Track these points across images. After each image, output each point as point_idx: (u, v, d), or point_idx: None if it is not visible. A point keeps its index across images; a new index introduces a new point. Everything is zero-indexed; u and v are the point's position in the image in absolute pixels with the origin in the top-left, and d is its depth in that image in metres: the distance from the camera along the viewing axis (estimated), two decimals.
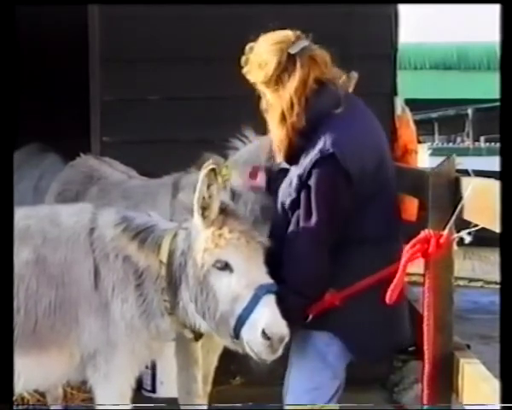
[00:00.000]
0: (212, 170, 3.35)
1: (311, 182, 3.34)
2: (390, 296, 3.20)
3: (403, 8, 6.06)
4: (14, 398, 5.02)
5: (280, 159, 3.54)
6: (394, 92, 5.96)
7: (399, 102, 6.09)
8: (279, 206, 3.54)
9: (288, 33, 3.51)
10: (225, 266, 3.35)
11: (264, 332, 3.23)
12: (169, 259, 3.51)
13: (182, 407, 4.49)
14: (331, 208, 3.34)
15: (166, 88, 5.84)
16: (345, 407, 3.53)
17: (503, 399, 2.64)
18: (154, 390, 5.58)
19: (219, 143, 4.31)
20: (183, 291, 3.49)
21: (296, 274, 3.37)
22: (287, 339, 3.27)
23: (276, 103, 3.43)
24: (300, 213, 3.39)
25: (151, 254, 3.52)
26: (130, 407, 3.70)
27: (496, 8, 3.01)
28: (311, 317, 3.41)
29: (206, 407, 4.50)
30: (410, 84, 10.95)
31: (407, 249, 3.26)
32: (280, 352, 3.28)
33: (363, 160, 3.36)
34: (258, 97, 3.54)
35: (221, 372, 4.81)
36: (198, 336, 3.68)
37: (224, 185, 4.17)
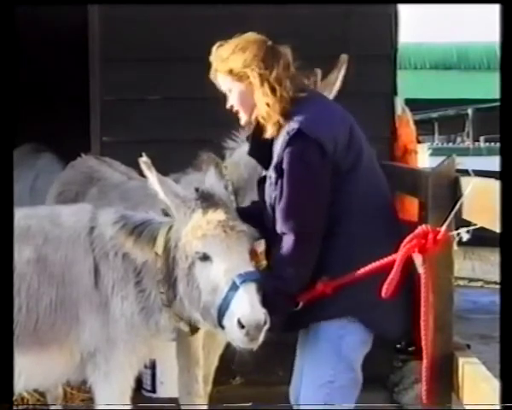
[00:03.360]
0: (143, 163, 3.48)
1: (284, 163, 3.38)
2: (386, 290, 3.21)
3: (403, 8, 6.06)
4: (14, 398, 5.04)
5: (269, 130, 3.51)
6: (394, 92, 5.96)
7: (399, 102, 6.09)
8: (268, 209, 3.54)
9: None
10: (205, 257, 3.39)
11: (239, 321, 3.26)
12: (164, 251, 3.53)
13: (182, 407, 4.49)
14: (310, 186, 3.37)
15: (166, 88, 5.84)
16: (344, 406, 3.53)
17: (503, 399, 2.64)
18: (154, 390, 5.58)
19: (219, 143, 4.31)
20: (179, 284, 3.51)
21: (277, 260, 3.42)
22: (266, 327, 3.29)
23: (259, 84, 3.47)
24: (278, 197, 3.42)
25: (147, 247, 3.54)
26: (130, 406, 3.71)
27: (496, 8, 3.01)
28: (301, 304, 3.43)
29: (206, 407, 4.50)
30: (410, 84, 10.95)
31: (404, 244, 3.27)
32: (260, 340, 3.30)
33: (332, 128, 3.41)
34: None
35: (221, 372, 4.81)
36: (194, 329, 3.70)
37: (226, 185, 4.18)
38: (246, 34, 3.58)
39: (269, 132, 3.47)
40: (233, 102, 3.57)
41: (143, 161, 3.50)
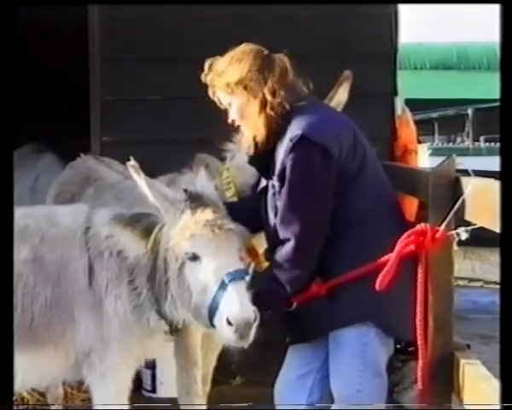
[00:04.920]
0: (131, 167, 3.47)
1: (287, 169, 3.36)
2: (380, 282, 3.22)
3: (403, 8, 6.06)
4: (14, 398, 5.03)
5: (253, 150, 3.54)
6: (394, 92, 5.96)
7: (399, 102, 6.09)
8: (272, 220, 3.54)
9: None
10: (194, 257, 3.39)
11: (228, 320, 3.26)
12: (152, 249, 3.53)
13: (182, 408, 4.49)
14: (315, 190, 3.37)
15: (166, 88, 5.84)
16: (344, 406, 3.53)
17: (503, 399, 2.64)
18: (154, 390, 5.59)
19: (219, 143, 4.30)
20: (171, 286, 3.52)
21: (276, 262, 3.43)
22: (255, 324, 3.28)
23: (255, 96, 3.46)
24: (279, 203, 3.42)
25: (140, 241, 3.53)
26: (129, 406, 3.71)
27: (496, 8, 3.01)
28: (295, 305, 3.44)
29: (205, 407, 4.50)
30: (410, 84, 10.95)
31: (402, 239, 3.28)
32: (251, 338, 3.30)
33: (336, 132, 3.40)
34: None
35: (221, 372, 4.81)
36: (174, 330, 3.70)
37: (228, 187, 4.17)
38: (241, 45, 3.55)
39: (261, 146, 3.47)
40: (234, 116, 3.53)
41: (131, 164, 3.49)
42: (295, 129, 3.36)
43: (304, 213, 3.38)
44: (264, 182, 3.68)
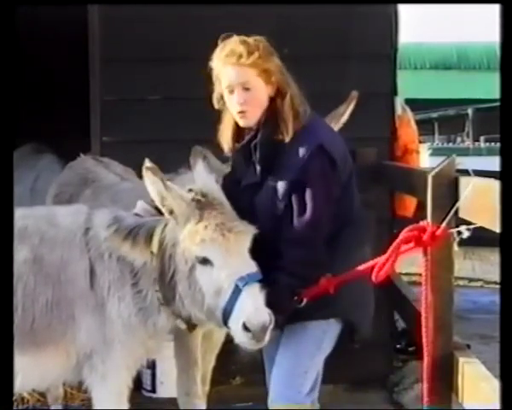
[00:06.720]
0: (149, 169, 3.39)
1: (308, 176, 3.45)
2: (377, 275, 3.25)
3: (403, 8, 6.06)
4: (14, 398, 5.04)
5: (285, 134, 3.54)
6: (394, 92, 5.96)
7: (399, 102, 6.09)
8: (263, 214, 3.54)
9: None
10: (205, 261, 3.38)
11: (244, 325, 3.26)
12: (159, 250, 3.51)
13: (181, 408, 4.49)
14: (327, 196, 3.49)
15: (166, 88, 5.84)
16: (345, 407, 3.53)
17: (503, 399, 2.64)
18: (154, 390, 5.59)
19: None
20: (178, 285, 3.50)
21: (295, 258, 3.45)
22: (271, 327, 3.30)
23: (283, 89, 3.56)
24: (295, 207, 3.47)
25: (145, 248, 3.52)
26: (128, 407, 3.71)
27: (496, 8, 3.01)
28: (305, 301, 3.46)
29: (205, 408, 4.50)
30: (410, 84, 10.96)
31: (403, 233, 3.30)
32: (266, 340, 3.31)
33: (340, 148, 3.57)
34: None
35: (221, 372, 4.81)
36: (191, 327, 3.69)
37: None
38: (259, 38, 3.59)
39: (285, 137, 3.50)
40: (249, 100, 3.53)
41: (148, 167, 3.40)
42: (313, 136, 3.49)
43: (321, 219, 3.48)
44: (246, 180, 3.66)
